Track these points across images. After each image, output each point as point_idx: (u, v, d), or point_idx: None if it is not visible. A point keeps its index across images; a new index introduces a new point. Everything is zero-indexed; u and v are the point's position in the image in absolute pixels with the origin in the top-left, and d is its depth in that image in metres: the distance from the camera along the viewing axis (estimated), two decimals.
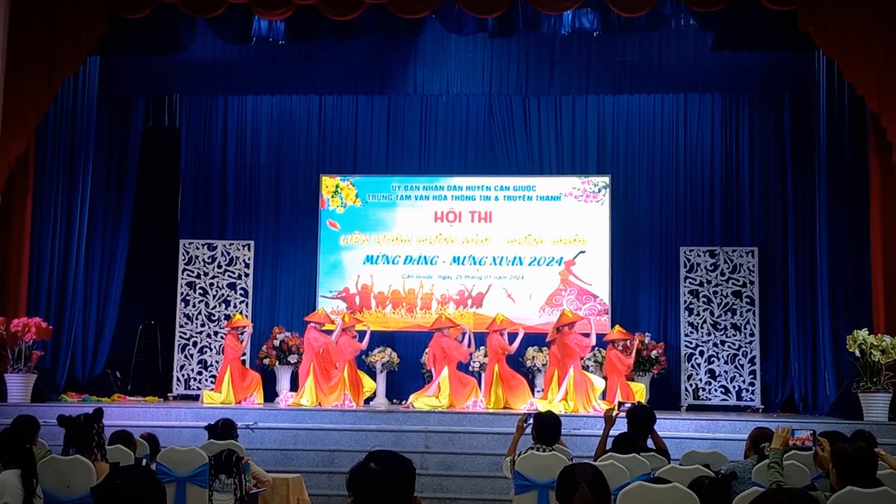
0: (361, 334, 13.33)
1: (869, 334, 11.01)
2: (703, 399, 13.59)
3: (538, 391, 13.21)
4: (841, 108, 12.64)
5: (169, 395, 13.99)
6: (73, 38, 12.25)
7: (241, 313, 14.11)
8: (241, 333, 13.47)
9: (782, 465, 5.65)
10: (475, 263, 14.70)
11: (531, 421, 7.23)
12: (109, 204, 14.48)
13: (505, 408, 12.44)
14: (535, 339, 13.71)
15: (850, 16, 11.40)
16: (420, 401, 12.39)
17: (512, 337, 13.04)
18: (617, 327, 13.41)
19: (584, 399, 12.18)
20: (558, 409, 11.69)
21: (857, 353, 11.01)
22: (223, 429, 8.09)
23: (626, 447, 6.77)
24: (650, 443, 7.37)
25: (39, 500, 5.61)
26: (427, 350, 13.18)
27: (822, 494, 5.05)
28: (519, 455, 7.05)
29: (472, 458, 10.54)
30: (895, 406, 10.86)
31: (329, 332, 13.04)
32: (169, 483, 6.88)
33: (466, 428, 11.10)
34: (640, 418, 7.47)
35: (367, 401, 13.30)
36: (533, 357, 13.78)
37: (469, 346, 13.07)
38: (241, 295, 14.54)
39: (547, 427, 7.03)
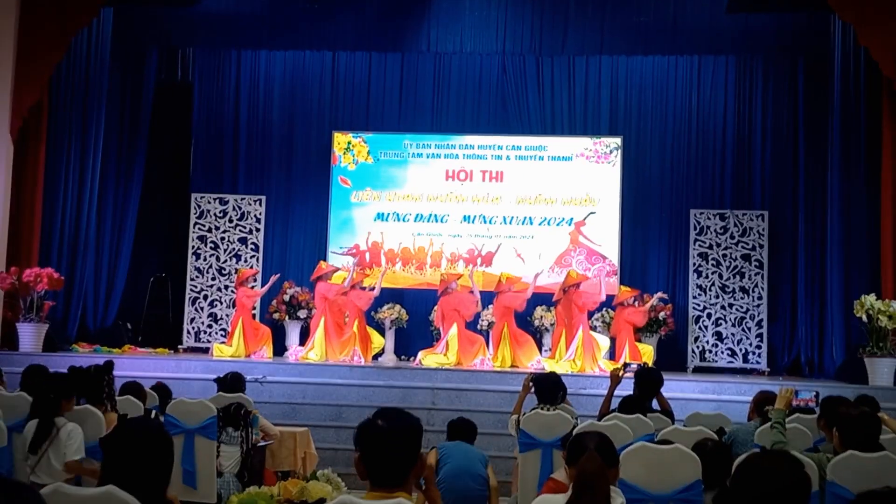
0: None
1: (877, 300, 11.03)
2: (709, 361, 13.65)
3: (546, 350, 13.29)
4: (856, 72, 12.54)
5: (179, 347, 14.12)
6: None
7: (248, 267, 14.19)
8: (254, 282, 13.58)
9: (785, 426, 5.69)
10: (485, 222, 14.72)
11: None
12: (122, 156, 14.52)
13: (512, 366, 12.53)
14: (544, 298, 13.75)
15: None
16: (428, 358, 12.48)
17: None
18: (623, 287, 13.43)
19: (590, 359, 12.25)
20: (565, 367, 11.78)
21: (865, 318, 11.03)
22: (232, 381, 8.18)
23: (630, 408, 6.83)
24: (655, 404, 7.42)
25: (42, 450, 5.77)
26: (435, 308, 13.24)
27: (825, 456, 5.10)
28: (524, 414, 7.12)
29: (478, 416, 10.54)
30: None
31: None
32: (177, 434, 6.97)
33: (473, 385, 11.18)
34: (648, 380, 7.52)
35: (376, 357, 13.40)
36: (541, 316, 13.85)
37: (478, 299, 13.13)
38: (251, 250, 14.61)
39: (548, 387, 7.10)
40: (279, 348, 13.84)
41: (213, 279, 14.49)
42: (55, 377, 6.53)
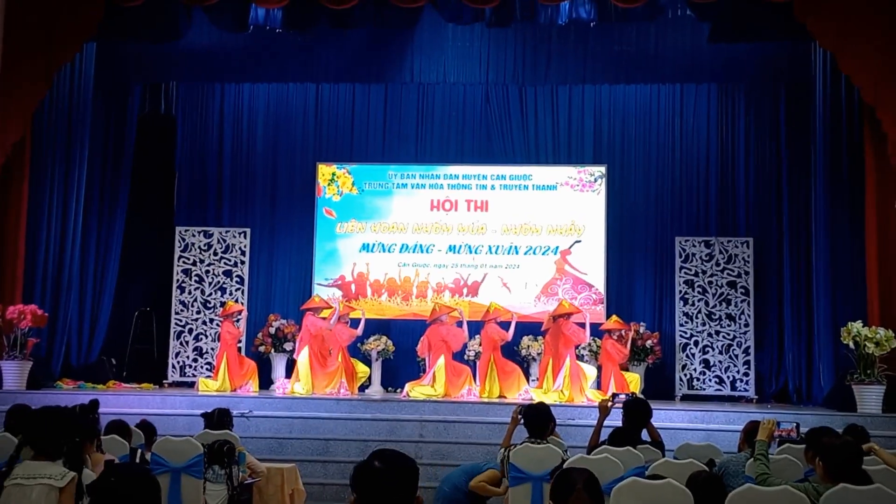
0: (355, 322, 13.38)
1: (863, 326, 11.04)
2: (697, 389, 13.63)
3: (533, 380, 13.25)
4: (837, 99, 12.62)
5: (164, 382, 14.02)
6: (70, 25, 12.20)
7: (234, 301, 14.13)
8: (237, 320, 13.51)
9: (768, 457, 5.68)
10: (471, 252, 14.72)
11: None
12: (105, 191, 14.45)
13: (500, 397, 12.49)
14: (531, 328, 13.73)
15: (847, 7, 11.39)
16: (416, 390, 12.43)
17: (506, 325, 13.10)
18: (614, 317, 13.43)
19: (577, 389, 12.22)
20: (553, 398, 11.74)
21: (852, 344, 11.03)
22: (219, 418, 8.11)
23: (620, 441, 6.79)
24: (645, 434, 7.39)
25: (86, 497, 5.52)
26: (422, 338, 13.20)
27: (812, 486, 5.07)
28: (513, 447, 7.07)
29: (466, 448, 10.56)
30: (889, 398, 10.88)
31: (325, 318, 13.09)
32: (163, 474, 6.90)
33: (461, 417, 11.13)
34: (636, 411, 7.49)
35: (363, 388, 13.34)
36: (528, 346, 13.82)
37: (466, 333, 13.15)
38: (236, 282, 14.55)
39: (537, 420, 7.05)
40: (265, 381, 13.77)
41: (199, 313, 14.41)
42: (79, 418, 6.38)
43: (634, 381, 12.83)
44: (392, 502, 2.97)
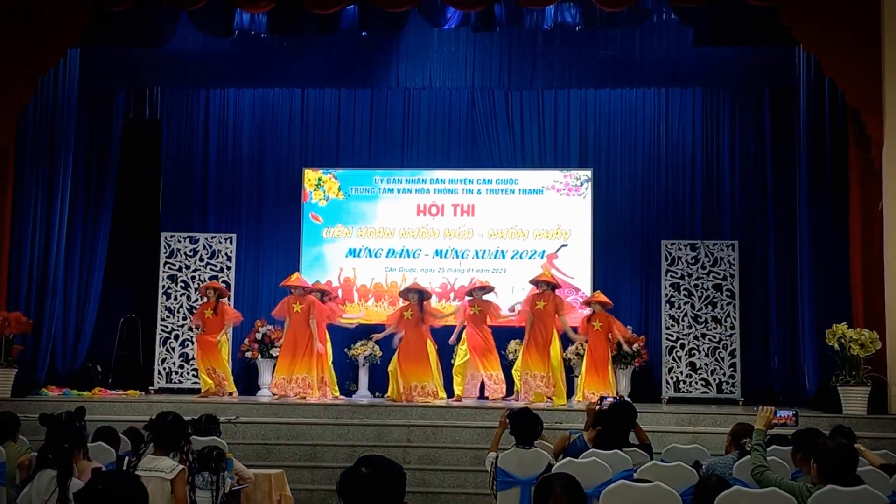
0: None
1: (848, 328, 11.09)
2: (683, 392, 13.66)
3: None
4: (821, 102, 12.69)
5: (150, 388, 13.95)
6: (55, 30, 12.18)
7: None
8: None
9: (765, 447, 5.68)
10: (457, 256, 14.72)
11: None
12: (90, 197, 14.40)
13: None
14: (517, 332, 13.71)
15: (831, 11, 11.47)
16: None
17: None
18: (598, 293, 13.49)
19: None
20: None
21: (837, 346, 11.07)
22: (206, 424, 8.08)
23: (608, 444, 6.80)
24: (632, 436, 7.40)
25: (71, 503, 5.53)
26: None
27: (805, 486, 5.09)
28: (502, 451, 7.07)
29: (454, 452, 10.56)
30: (874, 400, 10.93)
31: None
32: None
33: (449, 422, 11.12)
34: (621, 414, 7.51)
35: (351, 394, 13.32)
36: (515, 350, 13.80)
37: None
38: None
39: (524, 426, 7.06)
40: (252, 387, 13.73)
41: (184, 319, 14.35)
42: (68, 425, 6.38)
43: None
44: None
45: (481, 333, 12.96)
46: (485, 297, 13.22)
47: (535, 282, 13.05)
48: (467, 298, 13.29)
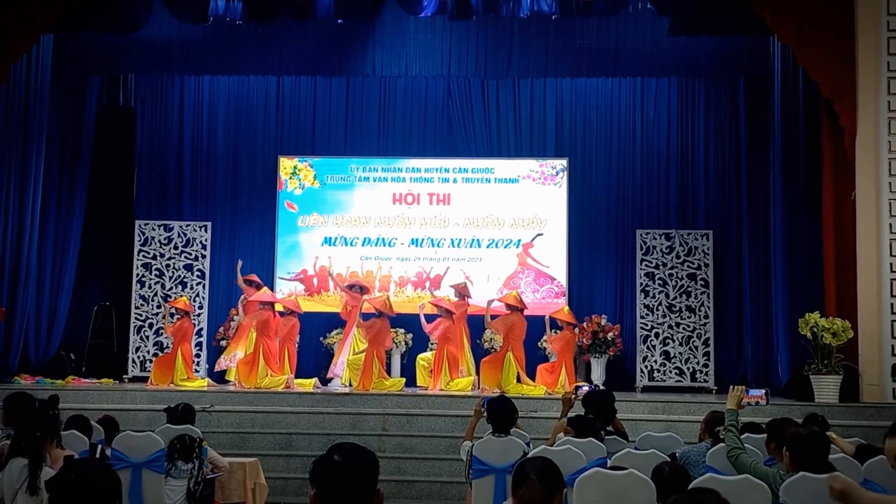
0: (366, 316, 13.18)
1: (821, 317, 11.17)
2: (657, 380, 13.73)
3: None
4: (795, 93, 12.77)
5: (124, 377, 13.88)
6: (27, 15, 12.06)
7: (181, 297, 13.91)
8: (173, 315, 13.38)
9: (738, 427, 5.71)
10: (433, 245, 14.71)
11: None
12: (63, 184, 14.29)
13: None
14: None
15: (806, 2, 11.54)
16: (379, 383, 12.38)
17: (429, 318, 13.01)
18: (566, 309, 13.36)
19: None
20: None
21: (809, 335, 11.15)
22: (183, 412, 8.04)
23: (584, 432, 6.83)
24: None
25: (43, 492, 5.50)
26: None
27: (779, 473, 5.12)
28: (477, 440, 7.08)
29: (429, 441, 10.58)
30: (845, 388, 11.02)
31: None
32: (124, 469, 6.84)
33: (424, 410, 11.13)
34: (601, 403, 7.55)
35: (326, 382, 13.29)
36: (491, 339, 13.83)
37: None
38: (197, 277, 14.45)
39: (501, 413, 7.06)
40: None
41: (159, 307, 14.28)
42: (41, 413, 6.34)
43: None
44: (352, 496, 2.92)
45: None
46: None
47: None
48: (459, 299, 13.15)
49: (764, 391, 6.35)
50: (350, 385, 12.64)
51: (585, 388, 7.98)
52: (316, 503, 2.92)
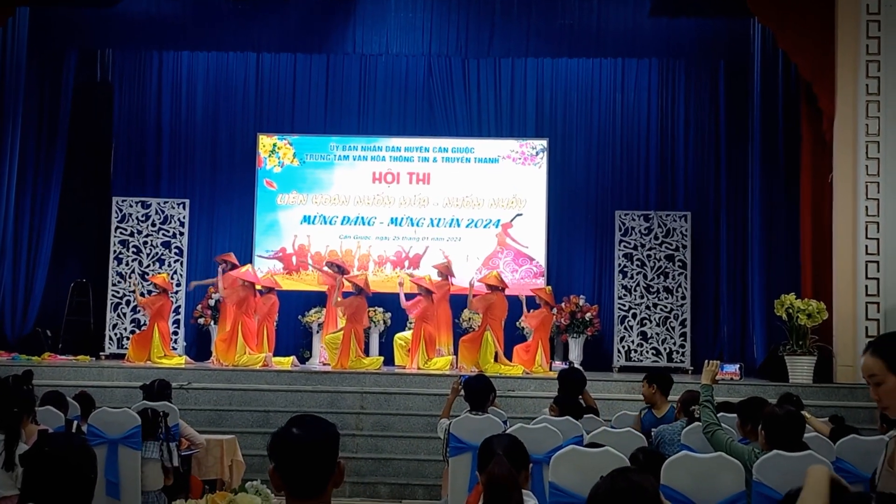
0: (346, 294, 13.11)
1: (796, 298, 11.24)
2: (634, 361, 13.80)
3: None
4: (775, 75, 12.81)
5: (101, 354, 13.82)
6: None
7: (164, 272, 13.87)
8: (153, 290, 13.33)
9: (714, 403, 5.74)
10: (413, 225, 14.70)
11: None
12: (40, 160, 14.18)
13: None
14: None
15: None
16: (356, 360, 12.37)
17: (409, 296, 13.03)
18: (548, 288, 13.37)
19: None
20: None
21: (785, 316, 11.22)
22: (159, 389, 8.01)
23: (563, 410, 6.87)
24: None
25: (18, 468, 5.47)
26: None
27: (754, 451, 5.16)
28: (454, 418, 7.10)
29: (407, 419, 10.60)
30: (819, 369, 11.10)
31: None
32: (100, 445, 6.81)
33: (402, 389, 11.15)
34: (571, 380, 7.61)
35: (304, 360, 13.28)
36: (469, 318, 13.85)
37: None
38: (175, 254, 14.39)
39: (477, 390, 7.08)
40: (205, 353, 13.65)
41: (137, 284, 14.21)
42: (17, 389, 6.31)
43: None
44: (312, 469, 2.88)
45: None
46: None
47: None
48: (441, 279, 13.13)
49: (738, 366, 6.39)
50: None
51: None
52: (275, 477, 2.89)
